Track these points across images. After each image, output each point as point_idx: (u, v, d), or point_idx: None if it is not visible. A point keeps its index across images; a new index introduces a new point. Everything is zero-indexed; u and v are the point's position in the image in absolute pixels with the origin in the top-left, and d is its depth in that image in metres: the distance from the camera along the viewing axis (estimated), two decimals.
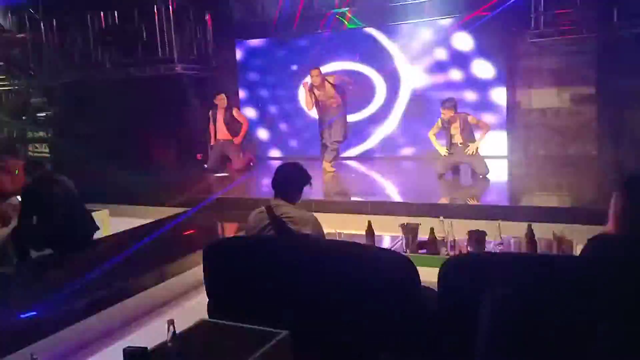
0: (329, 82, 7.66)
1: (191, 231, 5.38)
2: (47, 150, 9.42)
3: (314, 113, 7.98)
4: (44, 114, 9.31)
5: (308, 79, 7.67)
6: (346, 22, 9.00)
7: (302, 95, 8.04)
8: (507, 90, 8.30)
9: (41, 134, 9.65)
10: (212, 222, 5.66)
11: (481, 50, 8.44)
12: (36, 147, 9.73)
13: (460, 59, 8.58)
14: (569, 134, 7.96)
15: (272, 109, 10.03)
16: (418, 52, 8.80)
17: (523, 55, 8.18)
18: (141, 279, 3.92)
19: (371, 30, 9.04)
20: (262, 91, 10.06)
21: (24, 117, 8.99)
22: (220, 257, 2.96)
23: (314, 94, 7.62)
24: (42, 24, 9.20)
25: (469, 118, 6.79)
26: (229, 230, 5.31)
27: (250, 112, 10.04)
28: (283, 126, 9.96)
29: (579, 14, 7.05)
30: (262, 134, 10.13)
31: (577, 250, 3.43)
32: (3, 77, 9.15)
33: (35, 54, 9.18)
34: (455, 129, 6.76)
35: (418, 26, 8.79)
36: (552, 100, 8.11)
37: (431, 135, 7.04)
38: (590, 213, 4.43)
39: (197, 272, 3.40)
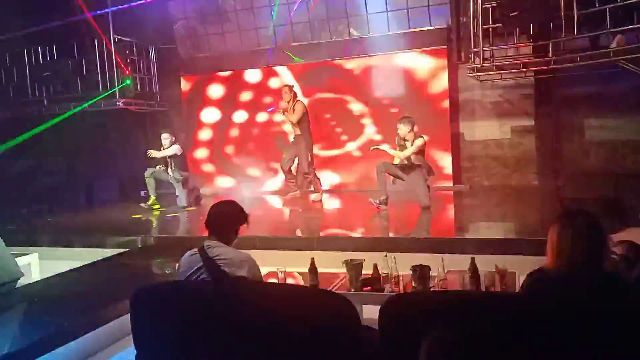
0: (297, 107, 7.61)
1: (123, 274, 5.11)
2: None
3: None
4: None
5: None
6: (292, 56, 9.04)
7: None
8: (450, 121, 8.47)
9: None
10: (146, 264, 5.40)
11: (423, 84, 8.62)
12: None
13: (403, 94, 8.73)
14: (511, 165, 8.15)
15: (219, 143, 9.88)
16: (362, 85, 8.92)
17: (466, 88, 8.41)
18: (67, 328, 3.63)
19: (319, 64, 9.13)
20: (211, 126, 9.92)
21: None
22: (149, 304, 2.76)
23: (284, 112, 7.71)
24: None
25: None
26: (161, 273, 5.07)
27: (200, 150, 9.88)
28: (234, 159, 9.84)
29: (516, 49, 7.31)
30: (209, 167, 9.94)
31: (520, 281, 3.42)
32: None
33: None
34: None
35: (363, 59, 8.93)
36: (494, 132, 8.33)
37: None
38: (532, 244, 4.47)
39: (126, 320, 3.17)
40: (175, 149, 7.86)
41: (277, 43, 9.05)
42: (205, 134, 9.94)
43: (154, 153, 7.79)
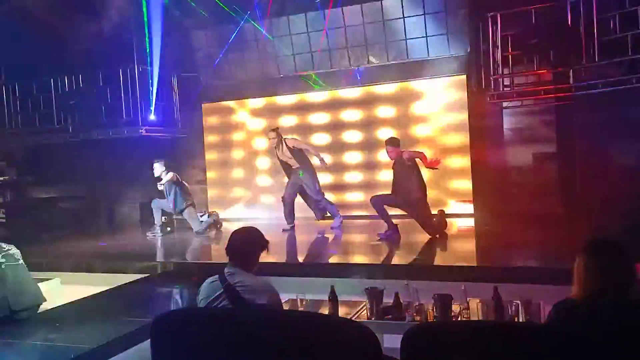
0: (286, 145, 7.67)
1: (143, 300, 5.13)
2: (3, 215, 9.06)
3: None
4: (1, 178, 9.02)
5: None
6: (317, 86, 9.14)
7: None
8: (471, 149, 8.43)
9: None
10: (166, 290, 5.42)
11: (443, 112, 8.62)
12: None
13: (424, 120, 8.75)
14: (533, 192, 8.05)
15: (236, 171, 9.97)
16: (382, 110, 8.96)
17: (486, 114, 8.37)
18: (87, 355, 3.63)
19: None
20: (229, 153, 10.03)
21: None
22: (169, 331, 2.74)
23: (276, 152, 7.79)
24: (3, 87, 9.09)
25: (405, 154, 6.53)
26: (182, 299, 5.07)
27: (214, 174, 9.98)
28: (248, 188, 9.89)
29: (537, 76, 7.30)
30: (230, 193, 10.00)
31: (545, 312, 3.35)
32: None
33: None
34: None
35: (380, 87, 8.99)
36: (515, 159, 8.25)
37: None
38: (557, 273, 4.37)
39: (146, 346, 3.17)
40: (168, 178, 7.87)
41: (297, 70, 9.17)
42: (223, 160, 10.04)
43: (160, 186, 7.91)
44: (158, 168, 7.92)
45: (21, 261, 4.48)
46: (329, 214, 7.80)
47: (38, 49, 8.18)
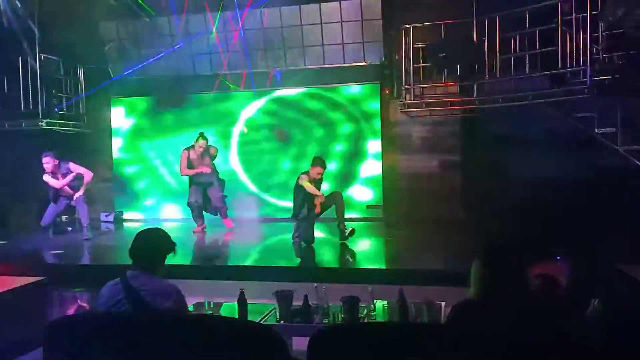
0: (210, 153, 7.83)
1: (40, 304, 4.79)
2: None
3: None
4: None
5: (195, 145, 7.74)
6: (233, 86, 9.01)
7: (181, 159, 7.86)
8: (382, 155, 8.68)
9: None
10: (63, 295, 5.10)
11: (356, 118, 8.82)
12: None
13: (336, 126, 8.90)
14: (439, 198, 8.42)
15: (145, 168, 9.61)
16: (291, 120, 9.03)
17: (397, 122, 8.67)
18: None
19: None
20: (139, 150, 9.64)
21: None
22: (63, 337, 2.59)
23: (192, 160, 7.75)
24: None
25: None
26: (77, 304, 4.80)
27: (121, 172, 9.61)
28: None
29: (445, 88, 7.66)
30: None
31: (446, 312, 3.50)
32: None
33: None
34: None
35: (298, 91, 9.06)
36: (422, 166, 8.59)
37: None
38: (459, 276, 4.58)
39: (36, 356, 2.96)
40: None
41: (213, 70, 9.00)
42: (132, 156, 9.65)
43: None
44: (49, 162, 7.39)
45: None
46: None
47: None
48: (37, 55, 8.13)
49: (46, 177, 7.41)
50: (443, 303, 3.77)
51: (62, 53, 8.60)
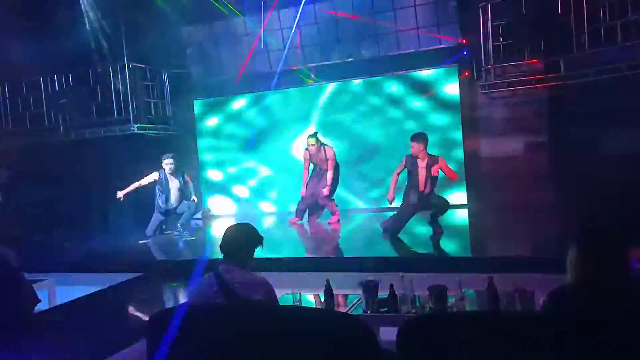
0: (325, 152, 7.71)
1: (138, 299, 5.14)
2: None
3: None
4: None
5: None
6: (308, 80, 9.10)
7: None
8: (463, 140, 8.44)
9: None
10: (161, 289, 5.41)
11: (436, 101, 8.62)
12: None
13: (416, 111, 8.75)
14: (526, 182, 8.08)
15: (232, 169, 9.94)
16: (373, 106, 8.94)
17: (477, 105, 8.38)
18: (84, 355, 3.62)
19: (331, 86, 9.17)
20: (224, 150, 9.99)
21: None
22: (164, 329, 2.74)
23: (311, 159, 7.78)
24: None
25: (440, 161, 6.27)
26: (177, 297, 5.06)
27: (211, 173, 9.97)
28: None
29: (528, 66, 7.30)
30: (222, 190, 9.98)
31: (540, 300, 3.36)
32: None
33: None
34: (422, 170, 6.28)
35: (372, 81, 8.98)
36: (507, 149, 8.26)
37: (395, 174, 6.49)
38: (551, 262, 4.39)
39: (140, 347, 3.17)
40: (155, 177, 7.75)
41: (288, 65, 9.13)
42: (217, 157, 10.01)
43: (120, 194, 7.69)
44: (172, 163, 7.70)
45: (13, 262, 4.44)
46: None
47: (27, 48, 8.11)
48: (126, 64, 8.63)
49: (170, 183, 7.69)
50: (535, 291, 3.62)
51: (148, 60, 9.06)
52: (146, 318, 2.77)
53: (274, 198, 9.53)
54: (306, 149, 7.76)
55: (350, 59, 8.84)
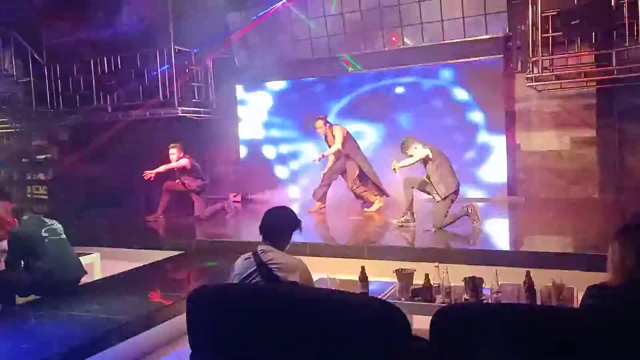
0: (331, 133, 7.68)
1: (180, 275, 5.31)
2: (45, 192, 9.40)
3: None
4: (44, 156, 9.34)
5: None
6: (348, 67, 9.09)
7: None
8: (506, 133, 8.29)
9: (41, 176, 9.65)
10: (201, 266, 5.56)
11: (479, 94, 8.48)
12: (37, 189, 9.72)
13: (458, 103, 8.62)
14: (570, 177, 7.89)
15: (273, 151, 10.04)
16: (414, 96, 8.86)
17: (523, 97, 8.21)
18: (126, 326, 3.78)
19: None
20: (266, 132, 10.10)
21: (24, 160, 9.01)
22: (204, 305, 2.83)
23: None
24: (45, 68, 9.34)
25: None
26: (216, 276, 5.19)
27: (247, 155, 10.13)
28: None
29: (578, 58, 7.09)
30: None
31: (578, 298, 3.31)
32: (5, 119, 9.23)
33: (38, 98, 9.29)
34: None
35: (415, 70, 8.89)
36: (552, 143, 8.08)
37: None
38: (592, 259, 4.31)
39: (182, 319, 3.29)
40: (183, 163, 7.64)
41: (330, 52, 9.14)
42: (256, 141, 10.14)
43: (149, 173, 7.60)
44: (173, 153, 7.67)
45: (63, 236, 4.66)
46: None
47: (79, 30, 8.37)
48: (172, 47, 8.81)
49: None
50: (575, 287, 3.57)
51: (193, 44, 9.22)
52: (185, 295, 2.87)
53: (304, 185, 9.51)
54: None
55: (393, 47, 8.76)
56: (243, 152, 10.20)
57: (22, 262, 4.48)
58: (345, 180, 7.79)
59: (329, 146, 7.75)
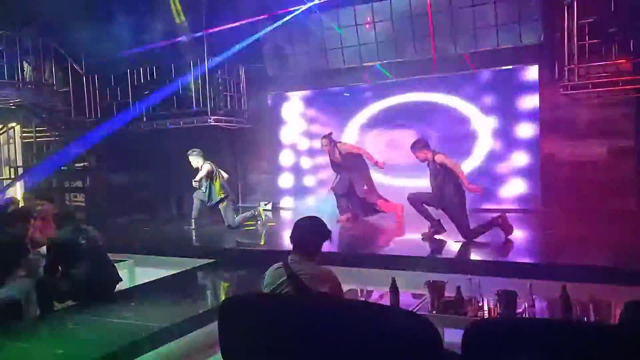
0: (339, 150, 7.76)
1: (212, 283, 5.36)
2: (82, 199, 9.63)
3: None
4: (82, 164, 9.58)
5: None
6: (382, 76, 9.09)
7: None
8: (541, 142, 8.13)
9: (78, 183, 9.89)
10: (233, 275, 5.61)
11: (512, 103, 8.36)
12: (75, 197, 9.97)
13: (490, 112, 8.52)
14: (607, 188, 7.67)
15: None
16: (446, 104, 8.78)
17: (558, 106, 8.04)
18: (159, 333, 3.84)
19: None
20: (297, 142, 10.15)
21: (62, 167, 9.24)
22: (236, 314, 2.86)
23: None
24: (84, 79, 9.61)
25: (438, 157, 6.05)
26: (247, 284, 5.22)
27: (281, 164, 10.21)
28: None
29: (615, 66, 6.93)
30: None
31: (616, 313, 3.22)
32: (45, 128, 9.50)
33: (77, 107, 9.54)
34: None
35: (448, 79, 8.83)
36: (588, 153, 7.89)
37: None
38: (630, 273, 4.18)
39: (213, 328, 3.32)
40: (205, 171, 7.62)
41: (362, 61, 9.15)
42: (289, 148, 10.19)
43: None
44: (194, 160, 7.72)
45: (100, 243, 4.78)
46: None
47: (116, 42, 8.60)
48: (205, 58, 8.96)
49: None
50: (612, 302, 3.47)
51: (226, 54, 9.35)
52: (218, 302, 2.90)
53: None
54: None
55: (426, 56, 8.71)
56: (275, 160, 10.27)
57: (60, 269, 4.60)
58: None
59: (334, 163, 7.88)
